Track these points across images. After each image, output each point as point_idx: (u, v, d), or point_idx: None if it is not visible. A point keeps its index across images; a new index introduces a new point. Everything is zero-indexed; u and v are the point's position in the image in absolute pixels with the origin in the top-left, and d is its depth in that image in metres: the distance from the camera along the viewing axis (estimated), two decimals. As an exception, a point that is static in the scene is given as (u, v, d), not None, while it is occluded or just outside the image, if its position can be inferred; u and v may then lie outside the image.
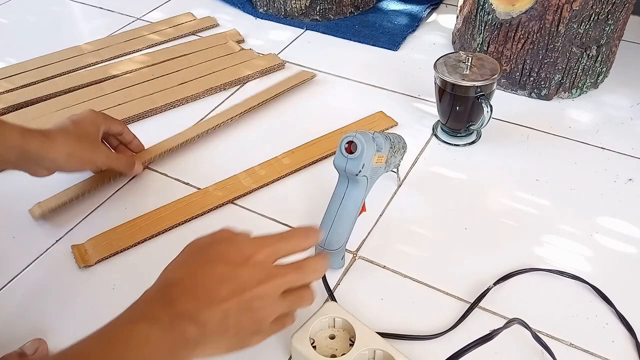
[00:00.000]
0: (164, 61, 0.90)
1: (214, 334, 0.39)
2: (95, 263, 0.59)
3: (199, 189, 0.68)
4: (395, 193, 0.67)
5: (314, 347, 0.48)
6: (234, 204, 0.66)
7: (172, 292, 0.40)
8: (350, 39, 0.96)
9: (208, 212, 0.65)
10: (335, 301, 0.53)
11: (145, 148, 0.72)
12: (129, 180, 0.70)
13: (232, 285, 0.40)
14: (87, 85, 0.85)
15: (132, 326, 0.37)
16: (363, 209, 0.57)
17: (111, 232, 0.62)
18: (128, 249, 0.61)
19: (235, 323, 0.40)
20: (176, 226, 0.63)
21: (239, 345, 0.42)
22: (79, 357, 0.35)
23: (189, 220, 0.64)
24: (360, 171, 0.53)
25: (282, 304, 0.42)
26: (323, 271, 0.45)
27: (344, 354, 0.46)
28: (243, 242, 0.44)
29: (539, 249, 0.59)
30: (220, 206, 0.65)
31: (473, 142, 0.73)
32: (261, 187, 0.67)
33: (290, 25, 1.01)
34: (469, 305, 0.54)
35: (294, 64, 0.90)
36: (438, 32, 0.98)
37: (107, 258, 0.60)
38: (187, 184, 0.69)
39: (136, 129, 0.78)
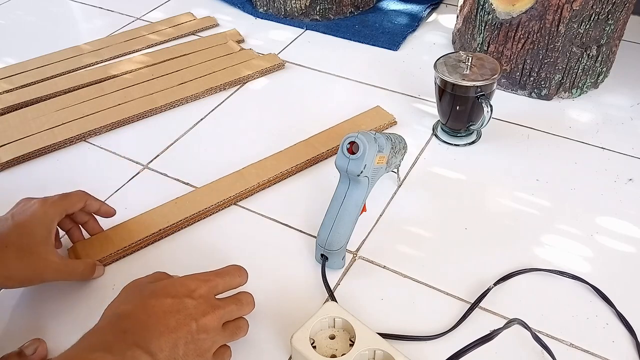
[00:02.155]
0: (164, 61, 0.90)
1: None
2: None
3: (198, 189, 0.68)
4: (395, 193, 0.67)
5: (314, 347, 0.48)
6: (236, 205, 0.66)
7: (123, 323, 0.42)
8: (350, 39, 0.96)
9: (211, 214, 0.65)
10: (335, 301, 0.53)
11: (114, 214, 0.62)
12: (129, 181, 0.70)
13: (180, 316, 0.43)
14: (87, 85, 0.85)
15: (87, 355, 0.39)
16: (363, 209, 0.57)
17: (110, 231, 0.62)
18: (127, 248, 0.61)
19: (184, 353, 0.42)
20: (177, 227, 0.63)
21: None
22: None
23: (190, 224, 0.64)
24: (361, 172, 0.53)
25: (223, 334, 0.46)
26: (254, 305, 0.50)
27: (344, 354, 0.46)
28: (184, 278, 0.47)
29: (539, 249, 0.59)
30: (221, 207, 0.65)
31: (473, 142, 0.73)
32: (263, 186, 0.67)
33: (290, 25, 1.01)
34: (469, 305, 0.54)
35: (294, 64, 0.90)
36: (438, 32, 0.98)
37: (105, 258, 0.59)
38: (187, 184, 0.69)
39: (136, 129, 0.79)
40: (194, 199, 0.65)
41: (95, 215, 0.61)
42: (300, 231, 0.62)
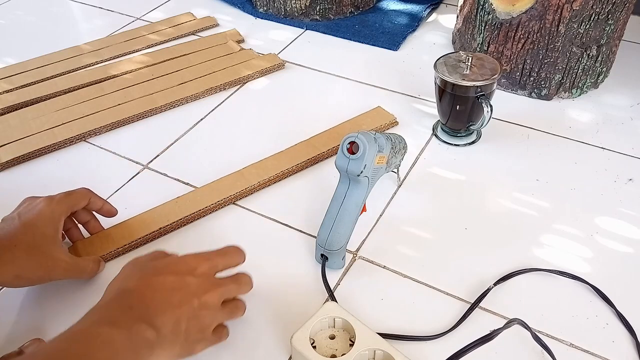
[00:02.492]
0: (164, 61, 0.90)
1: (168, 338, 0.42)
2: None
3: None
4: (395, 193, 0.67)
5: (314, 347, 0.48)
6: (237, 205, 0.66)
7: (129, 299, 0.43)
8: (350, 39, 0.96)
9: (209, 212, 0.65)
10: (335, 301, 0.53)
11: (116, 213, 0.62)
12: (129, 181, 0.70)
13: (182, 293, 0.44)
14: (87, 85, 0.85)
15: (95, 329, 0.40)
16: (364, 209, 0.57)
17: (110, 229, 0.62)
18: (127, 246, 0.61)
19: (186, 329, 0.43)
20: (177, 226, 0.63)
21: (187, 352, 0.45)
22: (47, 357, 0.37)
23: (190, 222, 0.64)
24: (361, 172, 0.53)
25: (222, 312, 0.48)
26: (251, 285, 0.51)
27: (344, 354, 0.46)
28: (186, 257, 0.48)
29: (539, 249, 0.59)
30: (221, 206, 0.65)
31: (473, 142, 0.73)
32: (263, 185, 0.67)
33: (290, 25, 1.01)
34: (469, 305, 0.54)
35: (294, 64, 0.90)
36: (438, 32, 0.98)
37: (105, 256, 0.59)
38: (187, 184, 0.69)
39: (136, 129, 0.79)
40: (194, 198, 0.65)
41: (96, 215, 0.61)
42: (300, 231, 0.62)
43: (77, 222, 0.60)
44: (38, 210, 0.53)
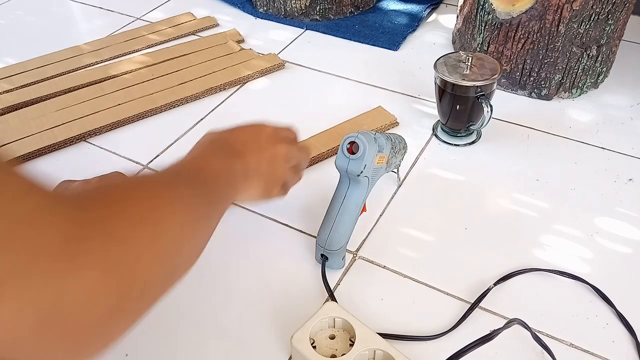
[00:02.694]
0: (164, 61, 0.90)
1: (253, 174, 0.50)
2: None
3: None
4: (395, 193, 0.67)
5: (314, 347, 0.48)
6: (237, 205, 0.66)
7: (216, 143, 0.50)
8: (350, 39, 0.96)
9: None
10: (335, 301, 0.53)
11: None
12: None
13: (260, 141, 0.52)
14: (87, 85, 0.85)
15: (201, 161, 0.45)
16: (364, 209, 0.57)
17: None
18: None
19: (266, 171, 0.52)
20: None
21: (266, 193, 0.54)
22: (174, 173, 0.41)
23: None
24: (361, 172, 0.53)
25: (290, 170, 0.56)
26: (308, 160, 0.61)
27: (344, 354, 0.46)
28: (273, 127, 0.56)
29: (539, 249, 0.59)
30: None
31: (473, 142, 0.73)
32: None
33: (290, 25, 1.01)
34: (469, 305, 0.54)
35: (294, 64, 0.90)
36: (438, 32, 0.98)
37: None
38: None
39: (136, 129, 0.79)
40: None
41: None
42: (300, 231, 0.62)
43: None
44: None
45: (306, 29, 0.99)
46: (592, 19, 0.72)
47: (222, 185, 0.45)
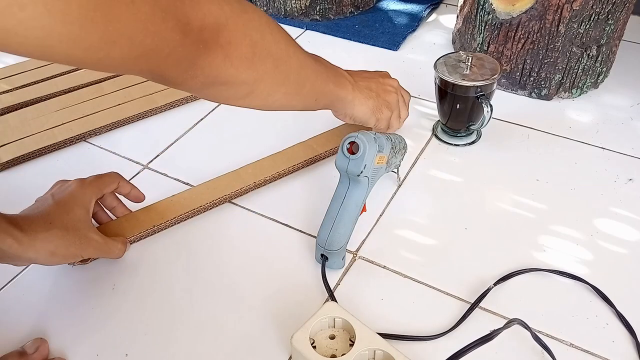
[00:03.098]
0: (164, 61, 0.90)
1: (363, 90, 0.61)
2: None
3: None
4: (395, 193, 0.67)
5: (314, 347, 0.48)
6: (232, 203, 0.66)
7: (337, 69, 0.60)
8: (350, 39, 0.96)
9: (205, 210, 0.65)
10: (335, 301, 0.53)
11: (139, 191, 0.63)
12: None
13: (373, 73, 0.67)
14: (87, 85, 0.85)
15: (318, 62, 0.56)
16: (363, 209, 0.57)
17: (137, 212, 0.63)
18: (154, 229, 0.62)
19: (376, 89, 0.63)
20: (173, 223, 0.63)
21: (378, 110, 0.63)
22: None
23: (186, 219, 0.64)
24: (361, 172, 0.53)
25: (401, 102, 0.67)
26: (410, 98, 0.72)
27: (344, 354, 0.46)
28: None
29: (539, 249, 0.59)
30: (217, 204, 0.65)
31: (473, 142, 0.73)
32: (258, 185, 0.67)
33: (290, 25, 1.01)
34: (469, 305, 0.54)
35: (294, 63, 0.90)
36: (438, 32, 0.98)
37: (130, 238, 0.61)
38: (187, 183, 0.69)
39: (136, 129, 0.79)
40: (190, 196, 0.65)
41: (123, 201, 0.63)
42: (300, 231, 0.62)
43: (103, 207, 0.62)
44: (70, 192, 0.56)
45: (306, 29, 0.99)
46: (592, 19, 0.72)
47: (332, 73, 0.57)
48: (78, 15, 0.30)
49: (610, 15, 0.72)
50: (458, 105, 0.69)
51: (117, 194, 0.62)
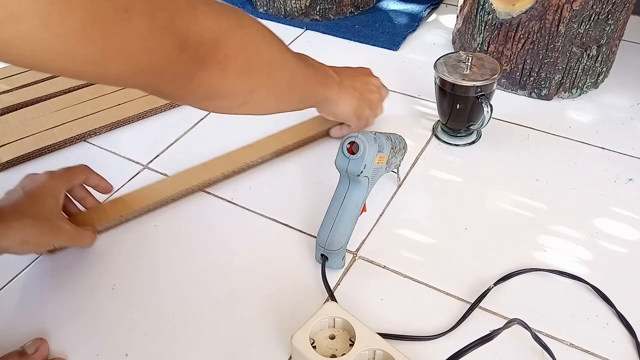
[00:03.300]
0: (164, 61, 0.90)
1: (347, 88, 0.63)
2: None
3: (199, 189, 0.68)
4: (395, 193, 0.67)
5: (314, 347, 0.48)
6: (236, 205, 0.66)
7: (325, 70, 0.61)
8: (350, 39, 0.96)
9: (172, 201, 0.66)
10: (335, 301, 0.53)
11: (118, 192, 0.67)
12: (129, 181, 0.70)
13: (357, 72, 0.68)
14: (87, 85, 0.85)
15: (308, 64, 0.57)
16: (363, 209, 0.57)
17: (106, 204, 0.65)
18: (121, 220, 0.64)
19: (360, 88, 0.65)
20: (141, 213, 0.65)
21: (360, 110, 0.66)
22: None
23: (154, 209, 0.66)
24: (361, 172, 0.53)
25: (378, 103, 0.70)
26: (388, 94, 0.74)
27: (344, 354, 0.46)
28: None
29: (539, 249, 0.59)
30: (185, 195, 0.67)
31: (473, 142, 0.73)
32: (229, 176, 0.69)
33: (290, 25, 1.01)
34: (469, 305, 0.54)
35: (294, 63, 0.90)
36: (438, 32, 0.98)
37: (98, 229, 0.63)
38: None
39: (136, 129, 0.79)
40: (159, 187, 0.67)
41: (92, 193, 0.65)
42: (300, 231, 0.62)
43: (72, 199, 0.63)
44: (40, 184, 0.57)
45: (306, 29, 0.99)
46: (592, 19, 0.72)
47: (321, 75, 0.59)
48: (75, 30, 0.31)
49: (610, 15, 0.72)
50: (458, 105, 0.69)
51: (86, 186, 0.63)
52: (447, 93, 0.69)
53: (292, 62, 0.53)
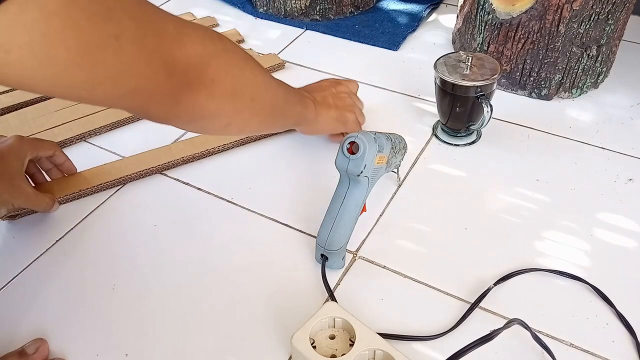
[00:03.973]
0: (164, 61, 0.90)
1: (323, 105, 0.65)
2: None
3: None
4: (395, 193, 0.67)
5: (314, 347, 0.48)
6: (235, 204, 0.66)
7: (300, 92, 0.63)
8: (350, 39, 0.96)
9: (131, 180, 0.69)
10: (335, 301, 0.53)
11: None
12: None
13: (326, 86, 0.69)
14: (87, 85, 0.85)
15: (286, 88, 0.58)
16: (364, 209, 0.57)
17: (68, 177, 0.68)
18: (80, 193, 0.67)
19: (333, 102, 0.67)
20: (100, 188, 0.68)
21: (342, 117, 0.67)
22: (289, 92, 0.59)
23: (112, 186, 0.69)
24: (362, 172, 0.53)
25: (357, 106, 0.72)
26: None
27: (344, 354, 0.46)
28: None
29: (539, 249, 0.59)
30: (145, 175, 0.70)
31: (473, 142, 0.73)
32: (189, 160, 0.71)
33: (290, 25, 1.01)
34: (469, 305, 0.54)
35: (294, 64, 0.90)
36: (438, 32, 0.98)
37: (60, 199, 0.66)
38: (187, 183, 0.69)
39: (136, 129, 0.79)
40: (120, 166, 0.70)
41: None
42: (300, 231, 0.62)
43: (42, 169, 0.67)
44: (8, 144, 0.59)
45: (306, 29, 0.99)
46: (592, 19, 0.72)
47: (298, 97, 0.61)
48: (64, 60, 0.31)
49: (610, 15, 0.72)
50: (458, 105, 0.69)
51: (52, 162, 0.66)
52: (447, 93, 0.69)
53: (273, 85, 0.54)
